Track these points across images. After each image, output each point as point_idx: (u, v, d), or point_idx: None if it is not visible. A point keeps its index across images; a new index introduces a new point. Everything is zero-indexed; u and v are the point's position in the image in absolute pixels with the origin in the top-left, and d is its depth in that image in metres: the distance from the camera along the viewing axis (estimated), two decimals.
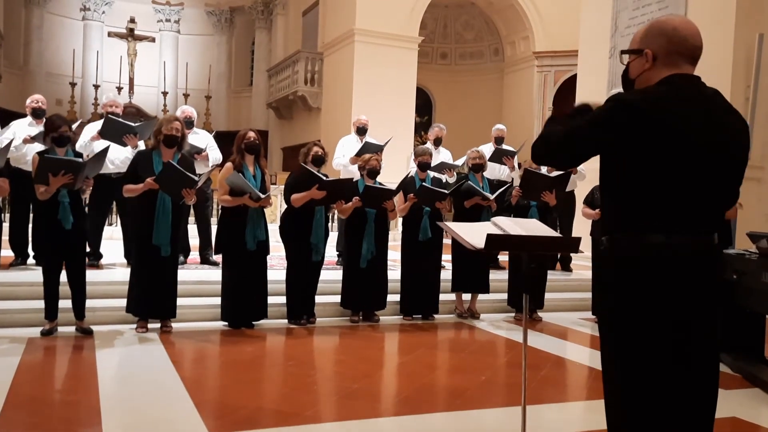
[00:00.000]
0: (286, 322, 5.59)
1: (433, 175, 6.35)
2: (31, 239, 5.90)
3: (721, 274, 1.96)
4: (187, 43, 19.06)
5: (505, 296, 6.43)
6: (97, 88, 16.85)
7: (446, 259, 6.41)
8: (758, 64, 7.65)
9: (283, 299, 5.64)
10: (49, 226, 4.75)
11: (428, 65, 15.48)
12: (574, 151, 1.99)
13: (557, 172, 6.06)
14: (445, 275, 6.32)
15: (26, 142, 5.93)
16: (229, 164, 5.33)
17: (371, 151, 6.51)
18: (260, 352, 4.87)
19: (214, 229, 5.86)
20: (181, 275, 5.35)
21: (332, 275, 6.22)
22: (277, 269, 6.12)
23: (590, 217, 6.21)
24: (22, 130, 6.19)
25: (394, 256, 6.49)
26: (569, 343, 5.56)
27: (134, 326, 5.07)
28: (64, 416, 3.34)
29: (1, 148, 5.08)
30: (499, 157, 7.56)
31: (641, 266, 1.87)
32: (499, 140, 7.95)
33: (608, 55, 9.66)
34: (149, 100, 17.71)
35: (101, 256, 6.61)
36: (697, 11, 8.03)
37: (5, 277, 5.72)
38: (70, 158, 4.75)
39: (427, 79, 15.30)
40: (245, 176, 5.23)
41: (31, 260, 6.27)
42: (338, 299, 5.91)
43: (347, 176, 7.02)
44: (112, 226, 8.68)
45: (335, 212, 6.63)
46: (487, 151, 7.22)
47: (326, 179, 5.49)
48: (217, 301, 5.40)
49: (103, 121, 6.33)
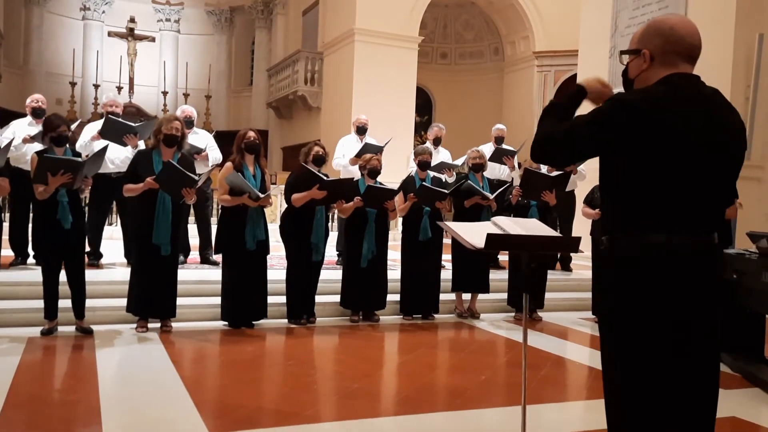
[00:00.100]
0: (286, 321, 5.60)
1: (433, 174, 6.35)
2: (30, 239, 5.90)
3: (721, 274, 1.96)
4: (187, 42, 19.07)
5: (505, 296, 6.43)
6: (97, 87, 16.86)
7: (446, 258, 6.41)
8: (758, 64, 7.66)
9: (283, 299, 5.64)
10: (48, 225, 4.74)
11: (428, 65, 15.48)
12: (573, 150, 1.99)
13: (557, 171, 6.06)
14: (445, 275, 6.32)
15: (26, 141, 5.93)
16: (228, 164, 5.33)
17: (371, 152, 6.51)
18: (260, 351, 4.87)
19: (214, 228, 5.86)
20: (181, 275, 5.36)
21: (332, 275, 6.22)
22: (277, 269, 6.12)
23: (590, 216, 6.21)
24: (21, 129, 6.20)
25: (394, 255, 6.49)
26: (569, 342, 5.56)
27: (134, 326, 5.07)
28: (64, 416, 3.34)
29: (1, 147, 5.08)
30: (499, 156, 7.57)
31: (641, 266, 1.87)
32: (499, 140, 7.96)
33: (608, 54, 9.66)
34: (149, 99, 17.71)
35: (101, 255, 6.61)
36: (697, 11, 8.02)
37: (5, 276, 5.72)
38: (69, 158, 4.74)
39: (427, 78, 15.30)
40: (245, 176, 5.23)
41: (31, 260, 6.27)
42: (338, 299, 5.91)
43: (347, 176, 7.02)
44: (112, 225, 8.69)
45: (335, 212, 6.63)
46: (487, 150, 7.23)
47: (327, 179, 5.49)
48: (217, 300, 5.41)
49: (103, 120, 6.34)
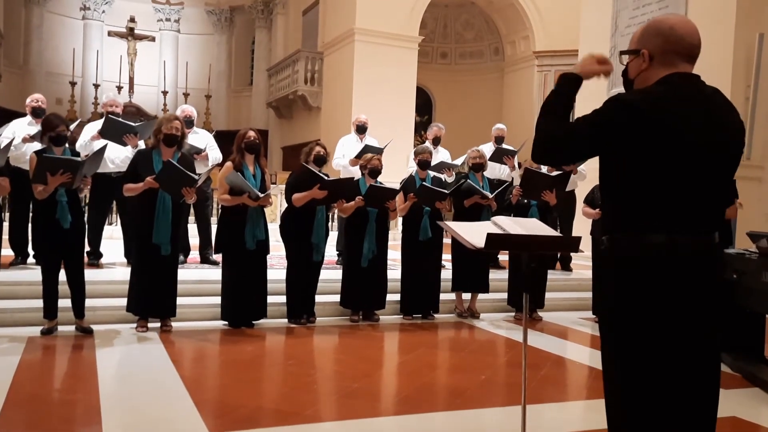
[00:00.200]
0: (286, 321, 5.59)
1: (433, 174, 6.35)
2: (30, 238, 5.90)
3: (721, 274, 1.95)
4: (187, 42, 19.06)
5: (505, 296, 6.43)
6: (97, 87, 16.85)
7: (446, 258, 6.41)
8: (758, 63, 7.66)
9: (282, 299, 5.64)
10: (47, 225, 4.74)
11: (428, 65, 15.48)
12: (574, 150, 1.99)
13: (558, 171, 6.06)
14: (445, 275, 6.32)
15: (26, 141, 5.93)
16: (228, 163, 5.33)
17: (370, 153, 6.51)
18: (260, 351, 4.87)
19: (214, 228, 5.86)
20: (181, 274, 5.36)
21: (332, 275, 6.22)
22: (277, 269, 6.12)
23: (591, 216, 6.21)
24: (21, 129, 6.19)
25: (394, 255, 6.49)
26: (569, 342, 5.56)
27: (134, 325, 5.07)
28: (64, 415, 3.34)
29: (1, 147, 5.08)
30: (499, 156, 7.57)
31: (641, 266, 1.86)
32: (499, 140, 7.96)
33: (608, 54, 9.65)
34: (149, 99, 17.71)
35: (101, 255, 6.61)
36: (697, 11, 8.02)
37: (5, 276, 5.72)
38: (68, 157, 4.74)
39: (427, 78, 15.30)
40: (245, 175, 5.23)
41: (31, 259, 6.27)
42: (338, 299, 5.90)
43: (347, 176, 7.02)
44: (112, 225, 8.68)
45: (335, 212, 6.63)
46: (487, 150, 7.23)
47: (328, 179, 5.49)
48: (217, 300, 5.41)
49: (103, 120, 6.34)
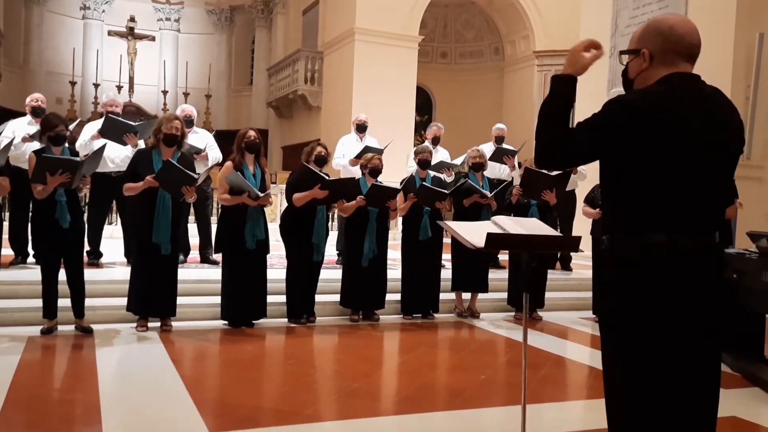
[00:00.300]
0: (285, 321, 5.60)
1: (433, 174, 6.35)
2: (30, 238, 5.90)
3: (722, 273, 1.95)
4: (187, 41, 19.06)
5: (505, 295, 6.43)
6: (97, 86, 16.86)
7: (446, 258, 6.41)
8: (758, 63, 7.65)
9: (282, 298, 5.64)
10: (46, 224, 4.74)
11: (428, 64, 15.47)
12: (577, 155, 1.97)
13: (557, 171, 6.05)
14: (444, 274, 6.32)
15: (25, 140, 5.93)
16: (228, 163, 5.33)
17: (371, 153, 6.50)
18: (260, 351, 4.87)
19: (214, 228, 5.86)
20: (181, 274, 5.36)
21: (332, 274, 6.22)
22: (276, 268, 6.12)
23: (591, 216, 6.21)
24: (20, 128, 6.19)
25: (394, 255, 6.49)
26: (569, 342, 5.56)
27: (134, 325, 5.07)
28: (63, 415, 3.34)
29: (2, 147, 5.08)
30: (499, 156, 7.57)
31: (642, 266, 1.86)
32: (499, 139, 7.96)
33: (608, 54, 9.65)
34: (149, 98, 17.70)
35: (101, 254, 6.61)
36: (697, 10, 8.02)
37: (5, 275, 5.72)
38: (67, 157, 4.74)
39: (427, 78, 15.29)
40: (245, 175, 5.23)
41: (31, 259, 6.27)
42: (338, 298, 5.90)
43: (347, 176, 7.02)
44: (112, 224, 8.68)
45: (335, 211, 6.62)
46: (487, 150, 7.23)
47: (329, 179, 5.49)
48: (217, 300, 5.41)
49: (103, 120, 6.34)
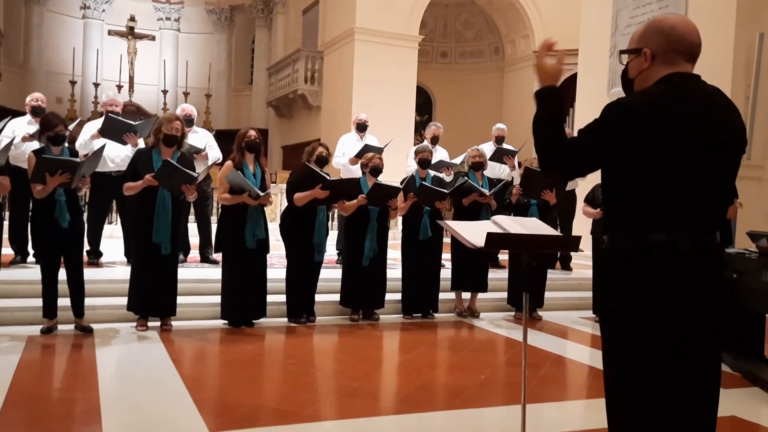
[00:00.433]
0: (285, 320, 5.59)
1: (433, 174, 6.35)
2: (30, 237, 5.90)
3: (722, 273, 1.95)
4: (187, 41, 19.06)
5: (505, 295, 6.43)
6: (97, 86, 16.86)
7: (446, 258, 6.41)
8: (758, 63, 7.65)
9: (282, 298, 5.64)
10: (45, 224, 4.74)
11: (428, 64, 15.47)
12: (580, 162, 1.96)
13: (562, 174, 6.04)
14: (444, 274, 6.32)
15: (25, 140, 5.93)
16: (228, 162, 5.33)
17: (371, 152, 6.51)
18: (260, 350, 4.87)
19: (214, 227, 5.86)
20: (181, 273, 5.35)
21: (332, 274, 6.22)
22: (276, 268, 6.12)
23: (591, 215, 6.20)
24: (20, 128, 6.19)
25: (393, 254, 6.49)
26: (569, 341, 5.56)
27: (134, 324, 5.07)
28: (63, 414, 3.34)
29: (2, 147, 5.07)
30: (499, 156, 7.57)
31: (642, 266, 1.86)
32: (499, 139, 7.96)
33: (608, 53, 9.65)
34: (149, 98, 17.71)
35: (101, 254, 6.61)
36: (697, 10, 8.01)
37: (5, 275, 5.71)
38: (67, 158, 4.75)
39: (427, 77, 15.29)
40: (245, 174, 5.23)
41: (31, 258, 6.27)
42: (338, 298, 5.90)
43: (347, 175, 7.03)
44: (112, 224, 8.69)
45: (335, 211, 6.62)
46: (487, 150, 7.23)
47: (330, 179, 5.48)
48: (216, 299, 5.40)
49: (102, 119, 6.34)
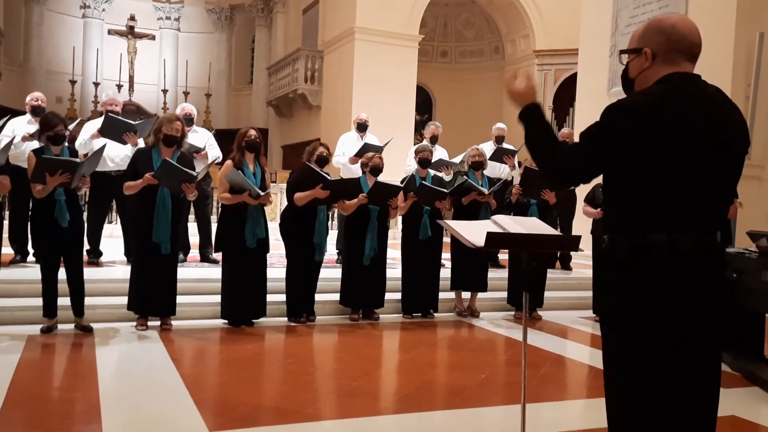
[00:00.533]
0: (285, 320, 5.60)
1: (433, 173, 6.34)
2: (30, 237, 5.90)
3: (723, 273, 1.94)
4: (187, 40, 19.06)
5: (504, 294, 6.43)
6: (97, 85, 16.86)
7: (446, 257, 6.40)
8: (758, 62, 7.65)
9: (282, 297, 5.64)
10: (45, 223, 4.74)
11: (428, 63, 15.47)
12: (585, 167, 1.95)
13: (564, 181, 6.03)
14: (444, 273, 6.31)
15: (25, 139, 5.93)
16: (229, 162, 5.33)
17: (371, 151, 6.51)
18: (260, 349, 4.87)
19: (214, 226, 5.86)
20: (180, 273, 5.36)
21: (332, 273, 6.22)
22: (276, 267, 6.12)
23: (591, 215, 6.20)
24: (20, 127, 6.19)
25: (393, 254, 6.49)
26: (569, 341, 5.56)
27: (134, 324, 5.07)
28: (63, 413, 3.34)
29: (2, 147, 5.07)
30: (499, 156, 7.57)
31: (642, 266, 1.86)
32: (499, 139, 7.96)
33: (608, 53, 9.65)
34: (149, 97, 17.71)
35: (101, 253, 6.61)
36: (697, 10, 8.01)
37: (5, 274, 5.71)
38: (67, 158, 4.75)
39: (427, 77, 15.29)
40: (245, 174, 5.23)
41: (31, 258, 6.27)
42: (338, 297, 5.90)
43: (346, 174, 7.03)
44: (112, 223, 8.69)
45: (335, 210, 6.62)
46: (487, 149, 7.23)
47: (330, 179, 5.48)
48: (216, 299, 5.41)
49: (102, 119, 6.34)
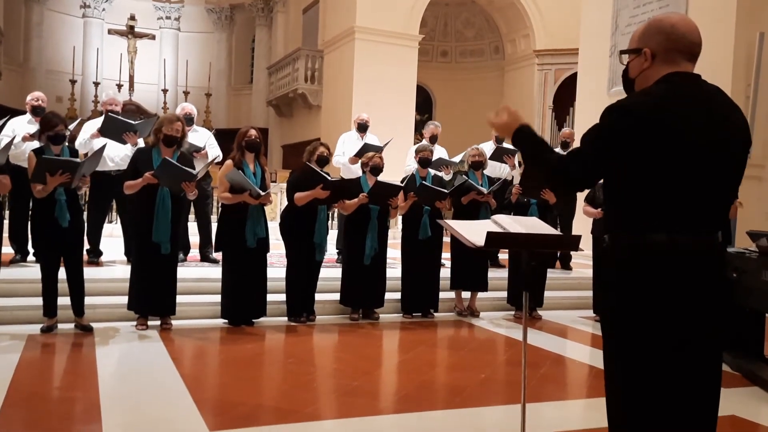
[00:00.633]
0: (285, 319, 5.60)
1: (434, 173, 6.34)
2: (30, 236, 5.90)
3: (723, 273, 1.94)
4: (187, 40, 19.05)
5: (504, 294, 6.43)
6: (97, 85, 16.86)
7: (446, 257, 6.40)
8: (759, 62, 7.64)
9: (282, 297, 5.64)
10: (45, 223, 4.74)
11: (428, 63, 15.47)
12: (592, 173, 1.95)
13: (565, 185, 6.02)
14: (444, 273, 6.31)
15: (25, 139, 5.93)
16: (229, 161, 5.33)
17: (371, 151, 6.51)
18: (260, 349, 4.87)
19: (214, 226, 5.86)
20: (181, 273, 5.36)
21: (332, 273, 6.22)
22: (276, 267, 6.12)
23: (592, 215, 6.20)
24: (21, 127, 6.19)
25: (393, 254, 6.49)
26: (569, 341, 5.56)
27: (134, 323, 5.08)
28: (63, 413, 3.34)
29: (2, 146, 5.07)
30: (500, 155, 7.56)
31: (642, 265, 1.85)
32: (499, 139, 7.94)
33: (609, 53, 9.65)
34: (149, 97, 17.70)
35: (101, 253, 6.61)
36: (697, 9, 8.01)
37: (5, 274, 5.70)
38: (67, 158, 4.75)
39: (427, 77, 15.29)
40: (245, 173, 5.23)
41: (31, 257, 6.27)
42: (338, 297, 5.90)
43: (347, 174, 7.03)
44: (112, 223, 8.69)
45: (335, 210, 6.61)
46: (487, 149, 7.22)
47: (331, 179, 5.48)
48: (217, 298, 5.41)
49: (102, 118, 6.34)
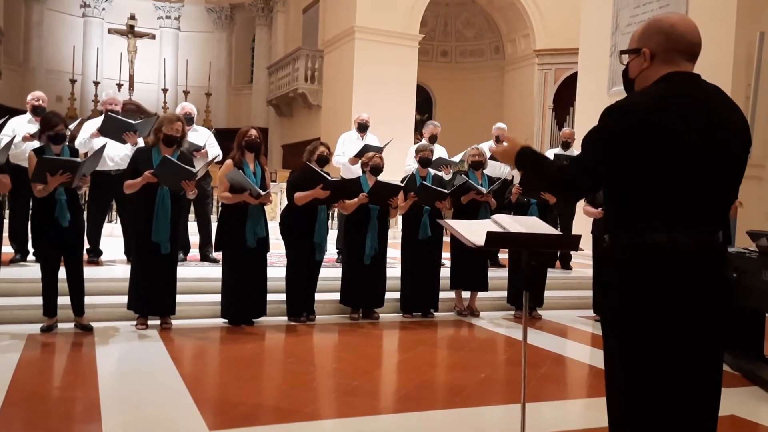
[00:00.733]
0: (285, 319, 5.60)
1: (434, 173, 6.34)
2: (30, 236, 5.90)
3: (724, 273, 1.94)
4: (187, 40, 19.05)
5: (504, 294, 6.43)
6: (97, 84, 16.86)
7: (446, 257, 6.40)
8: (759, 62, 7.64)
9: (282, 296, 5.64)
10: (46, 223, 4.74)
11: (429, 63, 15.47)
12: (596, 176, 1.94)
13: (571, 193, 6.01)
14: (444, 273, 6.31)
15: (26, 139, 5.93)
16: (229, 161, 5.33)
17: (371, 151, 6.51)
18: (260, 349, 4.87)
19: (214, 226, 5.86)
20: (181, 272, 5.36)
21: (332, 272, 6.22)
22: (276, 266, 6.12)
23: (592, 215, 6.19)
24: (21, 126, 6.19)
25: (393, 253, 6.49)
26: (569, 341, 5.56)
27: (134, 323, 5.08)
28: (63, 413, 3.34)
29: (2, 146, 5.07)
30: None
31: (642, 265, 1.85)
32: (499, 139, 7.95)
33: (609, 53, 9.65)
34: (149, 97, 17.71)
35: (101, 252, 6.61)
36: (697, 9, 8.01)
37: (5, 273, 5.69)
38: (68, 158, 4.75)
39: (427, 76, 15.29)
40: (245, 173, 5.23)
41: (31, 257, 6.27)
42: (338, 296, 5.90)
43: (346, 174, 7.03)
44: (112, 223, 8.69)
45: (335, 210, 6.62)
46: (487, 149, 7.22)
47: (331, 179, 5.48)
48: (217, 298, 5.41)
49: (102, 118, 6.34)
